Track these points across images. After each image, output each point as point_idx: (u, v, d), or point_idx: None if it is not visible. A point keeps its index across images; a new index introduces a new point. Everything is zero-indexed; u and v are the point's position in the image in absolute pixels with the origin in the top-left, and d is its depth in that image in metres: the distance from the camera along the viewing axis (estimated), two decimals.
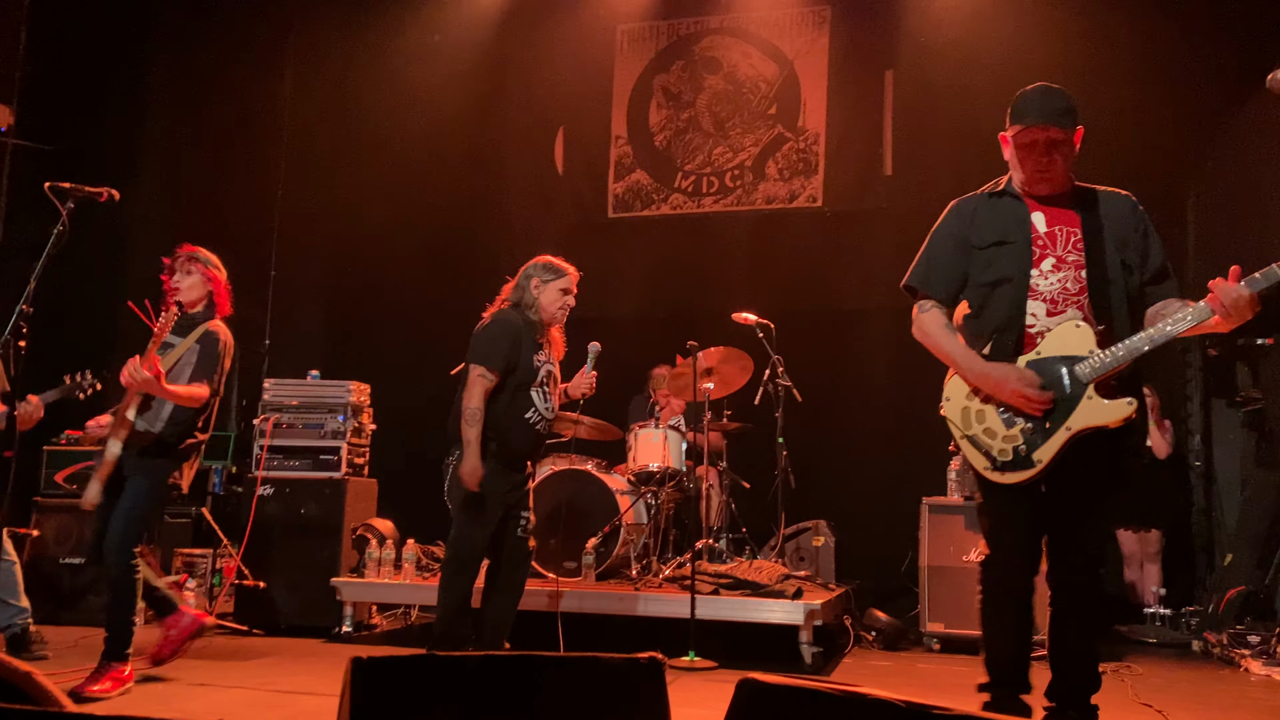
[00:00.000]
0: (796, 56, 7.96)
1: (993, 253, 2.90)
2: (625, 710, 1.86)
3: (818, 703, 1.52)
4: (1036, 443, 2.73)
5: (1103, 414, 2.68)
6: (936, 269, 3.00)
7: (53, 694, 1.99)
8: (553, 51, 8.29)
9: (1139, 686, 4.44)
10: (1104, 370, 2.69)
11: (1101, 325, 2.75)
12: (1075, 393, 2.69)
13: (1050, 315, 2.80)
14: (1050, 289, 2.82)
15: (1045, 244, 2.85)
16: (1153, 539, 6.43)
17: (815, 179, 7.78)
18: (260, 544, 5.48)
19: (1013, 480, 2.77)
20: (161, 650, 4.10)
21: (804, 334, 6.55)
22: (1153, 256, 2.88)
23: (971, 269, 2.94)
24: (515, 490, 4.21)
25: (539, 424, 4.21)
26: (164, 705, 3.69)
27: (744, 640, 4.90)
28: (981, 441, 2.83)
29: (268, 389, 5.85)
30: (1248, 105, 6.21)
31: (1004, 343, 2.84)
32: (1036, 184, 2.92)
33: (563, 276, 4.30)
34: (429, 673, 1.80)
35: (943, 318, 2.97)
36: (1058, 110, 2.87)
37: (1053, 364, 2.73)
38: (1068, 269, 2.82)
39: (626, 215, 8.18)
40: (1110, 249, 2.82)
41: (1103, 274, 2.78)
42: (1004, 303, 2.86)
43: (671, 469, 5.78)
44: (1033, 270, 2.83)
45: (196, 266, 4.27)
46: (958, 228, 3.00)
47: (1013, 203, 2.95)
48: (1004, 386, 2.76)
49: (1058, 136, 2.86)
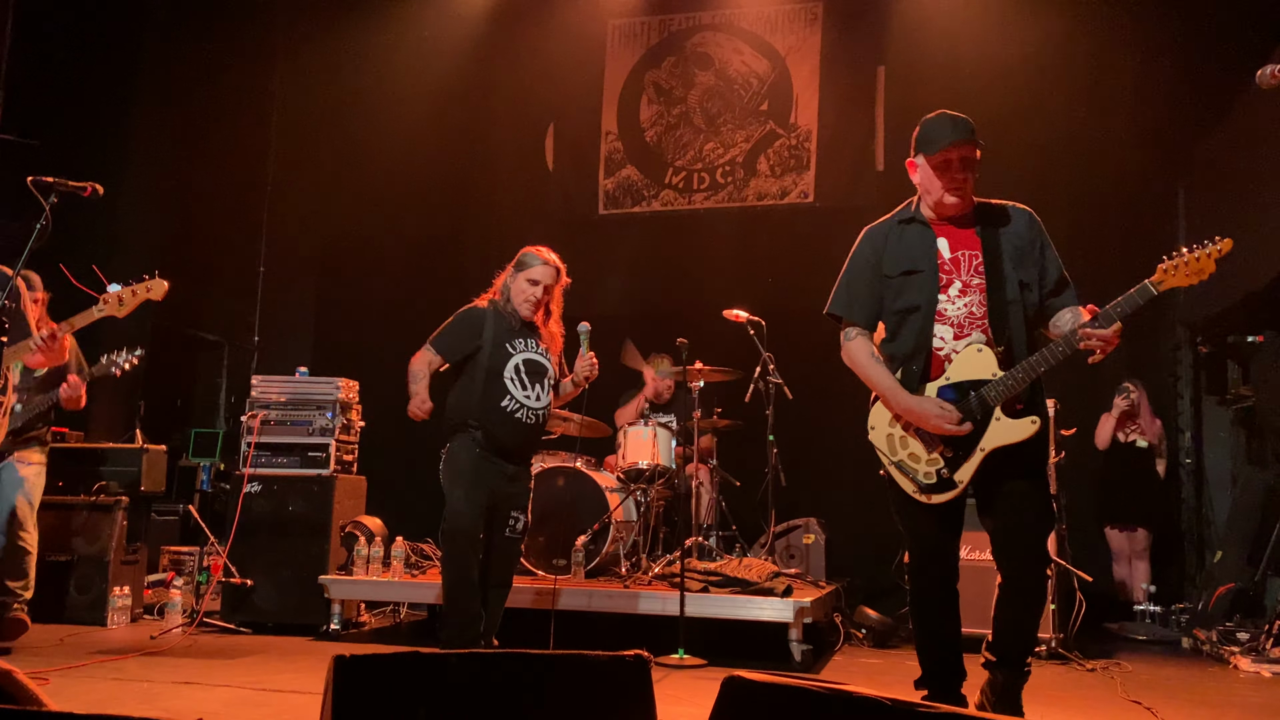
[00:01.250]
0: (788, 53, 7.94)
1: (902, 281, 3.11)
2: (611, 708, 1.85)
3: (803, 700, 1.51)
4: (955, 465, 2.97)
5: (1011, 433, 2.92)
6: (856, 297, 3.22)
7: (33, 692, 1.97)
8: (543, 47, 8.27)
9: (1128, 683, 4.44)
10: (1008, 393, 2.92)
11: (1001, 346, 2.97)
12: (986, 414, 2.94)
13: (957, 338, 3.02)
14: (957, 314, 3.03)
15: (951, 269, 3.06)
16: (1140, 536, 6.45)
17: (807, 175, 7.77)
18: (247, 541, 5.44)
19: (939, 500, 3.02)
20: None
21: (795, 331, 6.52)
22: (1050, 270, 3.10)
23: (885, 296, 3.16)
24: (506, 482, 4.18)
25: (518, 412, 4.17)
26: (148, 703, 3.66)
27: (734, 638, 4.89)
28: (907, 467, 3.06)
29: (256, 386, 5.82)
30: (1237, 100, 6.23)
31: (912, 368, 3.07)
32: (950, 201, 3.09)
33: (532, 267, 4.25)
34: (412, 671, 1.78)
35: (869, 345, 3.19)
36: (969, 130, 3.07)
37: (963, 388, 2.96)
38: (972, 293, 3.03)
39: (617, 211, 8.17)
40: (1009, 269, 3.03)
41: (1002, 297, 3.00)
42: (914, 329, 3.07)
43: (661, 466, 5.77)
44: (940, 296, 3.04)
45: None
46: (871, 256, 3.21)
47: (920, 229, 3.15)
48: (926, 420, 2.98)
49: (971, 154, 3.07)
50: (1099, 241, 7.11)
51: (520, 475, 4.28)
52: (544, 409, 4.26)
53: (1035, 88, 6.92)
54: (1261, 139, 5.96)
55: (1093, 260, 7.20)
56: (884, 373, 3.11)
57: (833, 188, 7.69)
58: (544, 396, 4.25)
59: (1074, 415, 5.87)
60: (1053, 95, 6.94)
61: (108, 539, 5.55)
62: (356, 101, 8.23)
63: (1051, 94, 6.94)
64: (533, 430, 4.26)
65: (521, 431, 4.20)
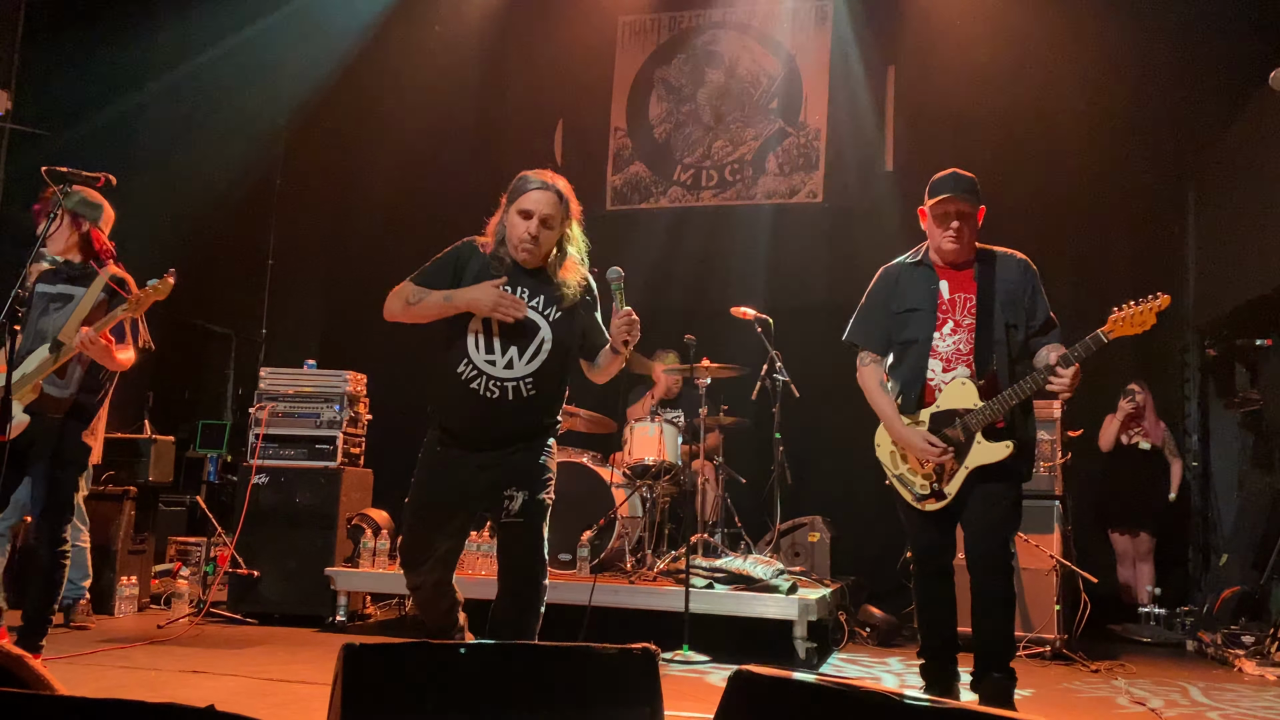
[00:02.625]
0: (798, 51, 7.94)
1: (906, 317, 3.55)
2: (619, 701, 1.86)
3: (810, 695, 1.51)
4: (944, 480, 3.44)
5: (988, 454, 3.36)
6: (871, 328, 3.66)
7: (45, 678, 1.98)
8: (553, 42, 8.27)
9: (1132, 685, 4.44)
10: (985, 421, 3.35)
11: (983, 380, 3.39)
12: (969, 439, 3.38)
13: (945, 371, 3.46)
14: (947, 350, 3.47)
15: (948, 309, 3.49)
16: (1143, 540, 6.44)
17: (816, 174, 7.76)
18: (254, 533, 5.47)
19: (931, 509, 3.49)
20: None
21: (802, 330, 6.53)
22: (1038, 313, 3.48)
23: (891, 329, 3.59)
24: (477, 472, 3.23)
25: (475, 382, 3.19)
26: (155, 692, 3.68)
27: (738, 635, 4.89)
28: (906, 479, 3.54)
29: (264, 378, 5.84)
30: (1249, 103, 6.20)
31: (909, 395, 3.51)
32: (946, 248, 3.49)
33: (525, 193, 3.25)
34: (420, 661, 1.79)
35: (878, 373, 3.61)
36: (967, 187, 3.46)
37: (948, 416, 3.42)
38: (962, 332, 3.46)
39: (625, 208, 8.16)
40: (998, 312, 3.44)
41: (988, 337, 3.42)
42: (912, 361, 3.51)
43: (667, 462, 5.78)
44: (934, 334, 3.48)
45: (61, 213, 3.80)
46: (883, 293, 3.65)
47: (926, 272, 3.56)
48: (913, 448, 3.46)
49: (966, 209, 3.45)
50: (1109, 243, 7.11)
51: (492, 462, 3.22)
52: (519, 380, 3.21)
53: (1045, 88, 6.91)
54: (1272, 140, 5.94)
55: (1102, 261, 7.22)
56: (887, 401, 3.55)
57: (841, 187, 7.68)
58: (521, 364, 3.21)
59: (1080, 417, 5.86)
60: (1062, 95, 6.92)
61: (115, 529, 5.58)
62: (367, 95, 8.23)
63: (1061, 94, 6.92)
64: (498, 408, 3.19)
65: (480, 410, 3.20)
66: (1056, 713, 3.79)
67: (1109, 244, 7.11)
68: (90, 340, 3.65)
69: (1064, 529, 5.29)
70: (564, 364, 3.32)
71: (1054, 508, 5.26)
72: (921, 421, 3.46)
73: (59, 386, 3.76)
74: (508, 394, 3.20)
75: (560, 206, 3.29)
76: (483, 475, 3.21)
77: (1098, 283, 7.18)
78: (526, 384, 3.22)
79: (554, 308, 3.28)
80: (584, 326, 3.38)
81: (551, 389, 3.30)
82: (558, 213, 3.28)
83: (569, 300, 3.30)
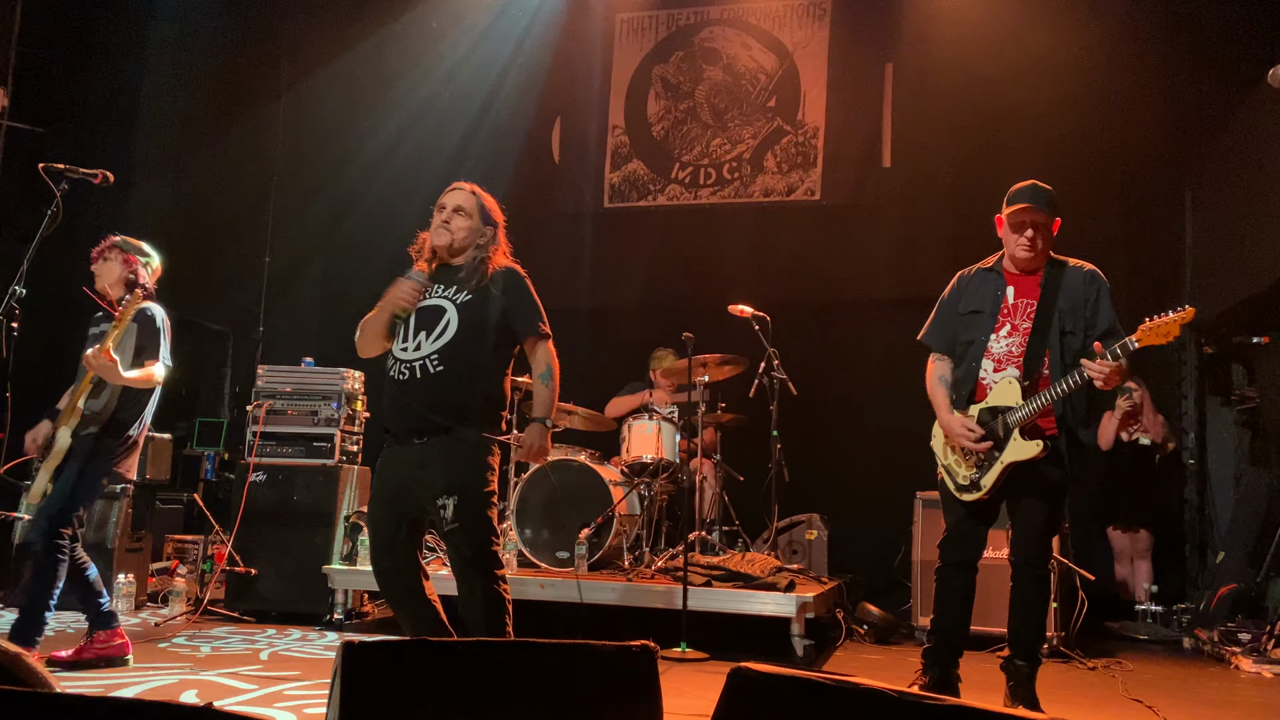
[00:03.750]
0: (796, 49, 7.93)
1: (969, 319, 3.73)
2: (617, 698, 1.86)
3: (809, 692, 1.51)
4: (984, 471, 3.58)
5: (1023, 451, 3.48)
6: (940, 329, 3.85)
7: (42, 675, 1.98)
8: (551, 40, 8.26)
9: (1129, 682, 4.45)
10: (1023, 419, 3.48)
11: (1028, 381, 3.52)
12: (1007, 435, 3.51)
13: (996, 371, 3.63)
14: (1000, 351, 3.63)
15: (1009, 313, 3.65)
16: (1142, 537, 6.44)
17: (814, 172, 7.76)
18: (252, 531, 5.46)
19: (969, 499, 3.64)
20: (79, 653, 4.01)
21: (800, 327, 6.54)
22: (1100, 321, 3.57)
23: (958, 330, 3.77)
24: (414, 470, 3.23)
25: (393, 370, 3.30)
26: (153, 691, 3.68)
27: (736, 632, 4.90)
28: (952, 469, 3.71)
29: (261, 375, 5.83)
30: (1247, 100, 6.20)
31: (963, 391, 3.69)
32: (1019, 256, 3.64)
33: (443, 195, 3.49)
34: (420, 658, 1.79)
35: (942, 368, 3.79)
36: (1044, 199, 3.61)
37: (993, 412, 3.57)
38: (1018, 335, 3.61)
39: (623, 205, 8.16)
40: (1056, 318, 3.57)
41: (1041, 340, 3.56)
42: (968, 359, 3.69)
43: (665, 460, 5.78)
44: (991, 335, 3.65)
45: (115, 254, 4.17)
46: (954, 296, 3.84)
47: (995, 278, 3.73)
48: (953, 434, 3.64)
49: (1040, 219, 3.60)
50: (1106, 241, 7.11)
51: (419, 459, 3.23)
52: (425, 358, 3.24)
53: (1042, 87, 6.90)
54: (1270, 138, 5.94)
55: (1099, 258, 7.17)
56: (941, 392, 3.74)
57: (839, 185, 7.67)
58: (427, 344, 3.26)
59: None
60: (1060, 94, 6.92)
61: (113, 527, 5.57)
62: (364, 93, 8.23)
63: (1058, 93, 6.91)
64: (409, 388, 3.24)
65: (396, 394, 3.29)
66: (1055, 710, 3.79)
67: (1106, 242, 7.10)
68: (94, 357, 3.82)
69: (1061, 527, 5.29)
70: (476, 343, 3.30)
71: None
72: (970, 415, 3.62)
73: (94, 403, 3.99)
74: (415, 373, 3.25)
75: (474, 201, 3.44)
76: (415, 474, 3.23)
77: None
78: (433, 360, 3.24)
79: (464, 293, 3.34)
80: (503, 310, 3.35)
81: (462, 367, 3.25)
82: (471, 205, 3.43)
83: (479, 285, 3.34)
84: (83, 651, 4.02)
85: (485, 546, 3.24)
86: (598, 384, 6.81)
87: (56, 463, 3.91)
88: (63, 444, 3.92)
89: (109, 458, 4.02)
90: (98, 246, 4.24)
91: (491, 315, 3.33)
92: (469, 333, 3.28)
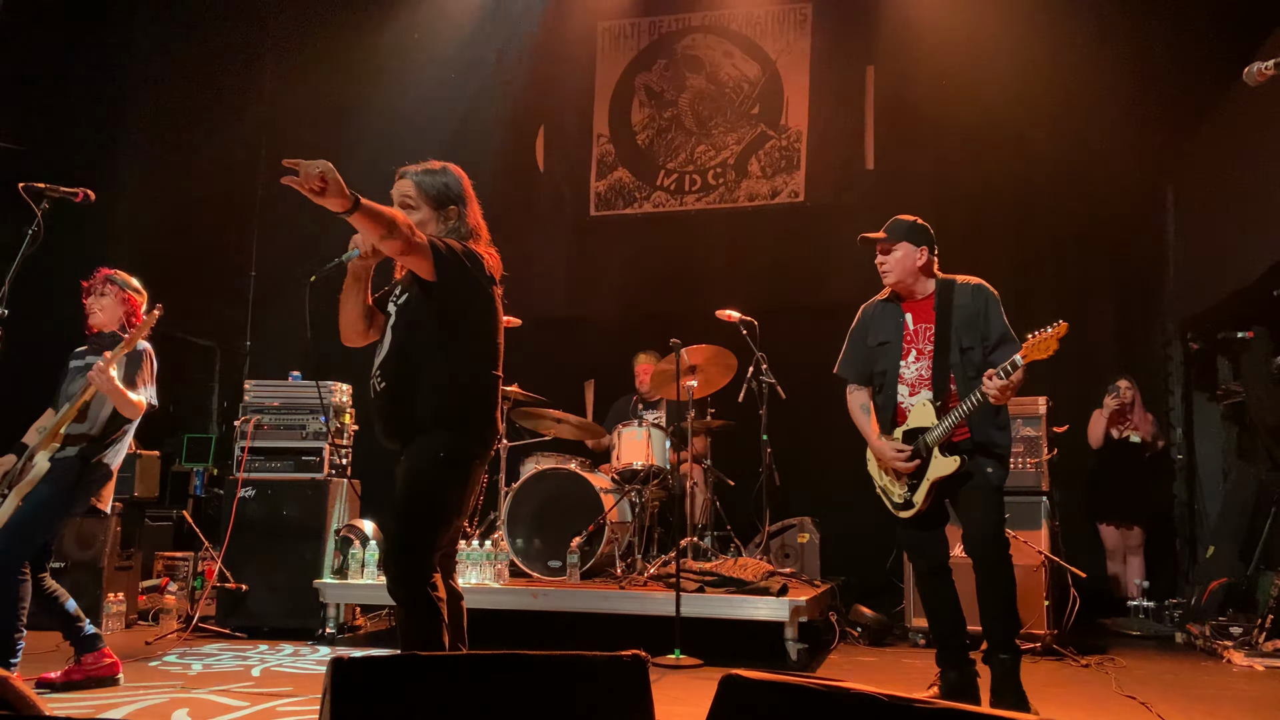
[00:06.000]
0: (778, 55, 7.96)
1: (878, 350, 3.93)
2: (609, 708, 1.85)
3: (800, 698, 1.51)
4: (913, 489, 3.77)
5: (943, 468, 3.66)
6: (853, 362, 4.04)
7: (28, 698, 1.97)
8: (533, 49, 8.26)
9: (1122, 678, 4.46)
10: (940, 437, 3.66)
11: (939, 401, 3.71)
12: (929, 454, 3.70)
13: (910, 395, 3.82)
14: (911, 376, 3.83)
15: (912, 339, 3.86)
16: (1135, 534, 6.47)
17: (797, 175, 7.79)
18: (242, 546, 5.44)
19: (905, 516, 3.83)
20: (68, 675, 3.97)
21: (787, 330, 6.54)
22: (992, 332, 3.75)
23: (870, 360, 3.96)
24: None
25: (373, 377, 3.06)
26: (144, 710, 3.66)
27: (729, 638, 4.90)
28: (888, 490, 3.91)
29: (249, 390, 5.81)
30: (1226, 97, 6.25)
31: (885, 416, 3.87)
32: (884, 279, 3.91)
33: None
34: (410, 672, 1.79)
35: (862, 398, 3.99)
36: (896, 231, 3.87)
37: (914, 434, 3.76)
38: (924, 359, 3.81)
39: (608, 213, 8.17)
40: (954, 337, 3.76)
41: (944, 361, 3.75)
42: (886, 388, 3.89)
43: (655, 467, 5.77)
44: (901, 363, 3.85)
45: (111, 289, 4.19)
46: (862, 329, 4.04)
47: (894, 308, 3.94)
48: (884, 458, 3.83)
49: (880, 249, 3.89)
50: (1089, 240, 7.15)
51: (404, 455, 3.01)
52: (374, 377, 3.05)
53: (1022, 86, 6.94)
54: (1249, 136, 5.98)
55: (1083, 258, 7.26)
56: (866, 421, 3.94)
57: (823, 187, 7.70)
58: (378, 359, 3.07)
59: (1066, 412, 5.89)
60: (1040, 94, 6.96)
61: (101, 545, 5.54)
62: (347, 104, 8.21)
63: (1039, 91, 6.95)
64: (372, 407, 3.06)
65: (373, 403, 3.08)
66: (1048, 708, 3.80)
67: (1089, 241, 7.15)
68: (100, 370, 3.83)
69: (1052, 525, 5.31)
70: (417, 347, 2.95)
71: (1041, 503, 5.29)
72: (895, 439, 3.81)
73: (77, 426, 4.00)
74: (370, 391, 3.02)
75: (418, 187, 3.10)
76: None
77: (1078, 280, 7.23)
78: (376, 378, 3.00)
79: (402, 290, 3.03)
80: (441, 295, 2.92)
81: (404, 381, 2.94)
82: (415, 192, 3.10)
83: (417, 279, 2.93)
84: (72, 673, 3.99)
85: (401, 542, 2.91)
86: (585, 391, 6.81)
87: (29, 489, 3.87)
88: (41, 469, 3.89)
89: (83, 484, 3.99)
90: (90, 279, 4.22)
91: (431, 307, 2.93)
92: (407, 337, 2.96)
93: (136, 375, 4.04)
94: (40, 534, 3.94)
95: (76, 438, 3.98)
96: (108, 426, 4.05)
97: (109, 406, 4.02)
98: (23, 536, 3.85)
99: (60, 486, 3.93)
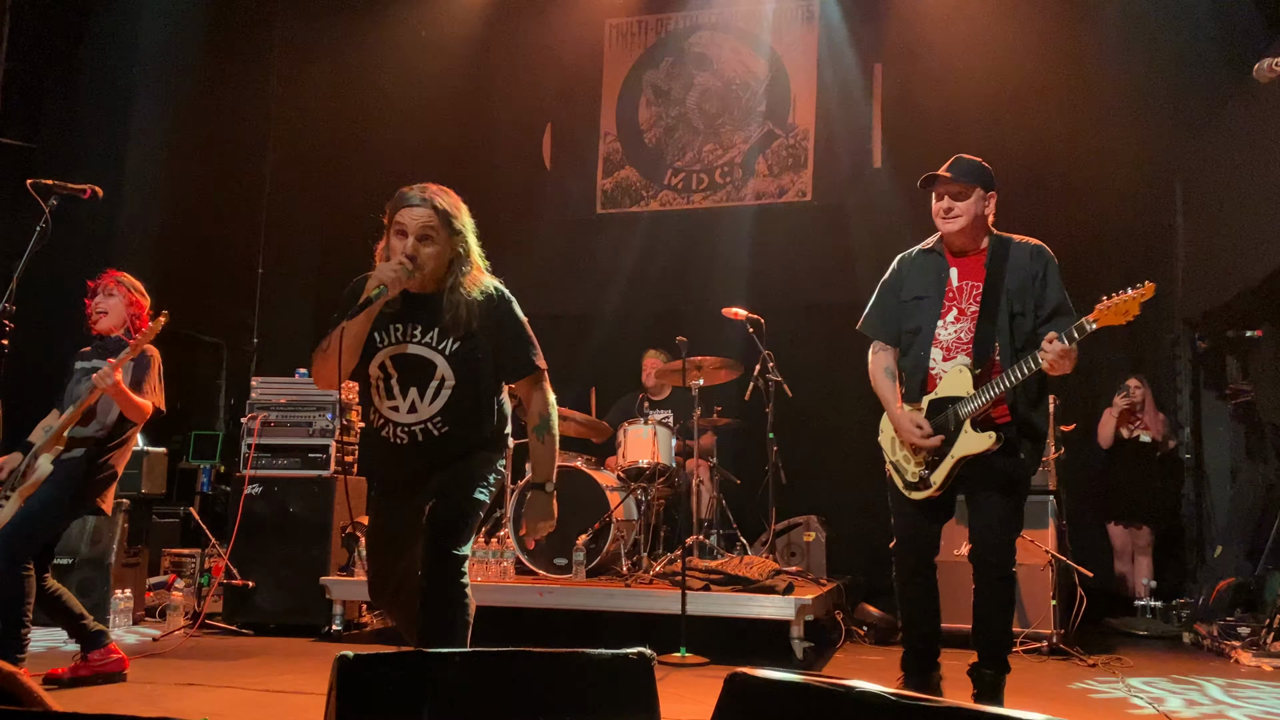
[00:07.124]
0: (786, 53, 7.95)
1: (913, 305, 3.50)
2: (615, 705, 1.85)
3: (807, 696, 1.51)
4: (933, 468, 3.38)
5: (974, 444, 3.27)
6: (880, 319, 3.61)
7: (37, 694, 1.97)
8: (540, 47, 8.27)
9: (1129, 678, 4.44)
10: (975, 410, 3.27)
11: (978, 369, 3.31)
12: (958, 427, 3.30)
13: (945, 360, 3.40)
14: (948, 338, 3.41)
15: (954, 297, 3.43)
16: (1143, 533, 6.45)
17: (805, 173, 7.78)
18: (248, 543, 5.44)
19: (918, 497, 3.44)
20: (76, 671, 3.97)
21: (794, 328, 6.54)
22: (1048, 300, 3.36)
23: (901, 317, 3.54)
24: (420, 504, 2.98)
25: (385, 430, 3.00)
26: (151, 705, 3.67)
27: (735, 636, 4.89)
28: (900, 466, 3.51)
29: (255, 387, 5.82)
30: (1237, 94, 6.22)
31: (913, 383, 3.48)
32: (944, 229, 3.46)
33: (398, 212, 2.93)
34: (415, 670, 1.79)
35: (886, 360, 3.57)
36: (960, 170, 3.45)
37: (943, 404, 3.36)
38: (965, 320, 3.39)
39: (615, 211, 8.17)
40: (1004, 300, 3.35)
41: (990, 325, 3.34)
42: (915, 349, 3.47)
43: (661, 465, 5.77)
44: (938, 322, 3.43)
45: (120, 290, 4.18)
46: (894, 281, 3.60)
47: (936, 259, 3.51)
48: (901, 430, 3.43)
49: (953, 189, 3.41)
50: (1098, 237, 7.13)
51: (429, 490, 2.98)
52: (426, 422, 2.98)
53: (1031, 83, 6.92)
54: (1258, 133, 5.96)
55: (1091, 255, 7.23)
56: (887, 386, 3.52)
57: (830, 185, 7.70)
58: (425, 406, 2.97)
59: (1076, 412, 5.87)
60: (1049, 90, 6.94)
61: (109, 542, 5.54)
62: (355, 102, 8.22)
63: (1048, 89, 6.94)
64: (411, 452, 2.99)
65: (396, 457, 3.02)
66: (1054, 707, 3.79)
67: (1098, 238, 7.13)
68: (105, 376, 3.83)
69: (1059, 524, 5.29)
70: (475, 395, 3.01)
71: (1049, 502, 5.27)
72: (921, 409, 3.40)
73: (81, 429, 3.99)
74: (417, 437, 2.98)
75: (436, 216, 2.91)
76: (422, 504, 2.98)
77: (1087, 277, 7.19)
78: (435, 423, 2.97)
79: (449, 339, 2.95)
80: (494, 347, 3.01)
81: (467, 417, 3.00)
82: (436, 222, 2.91)
83: (464, 323, 2.94)
84: (79, 669, 4.00)
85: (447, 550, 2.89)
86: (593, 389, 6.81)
87: (32, 491, 3.86)
88: (44, 471, 3.87)
89: (89, 486, 4.00)
90: (96, 279, 4.22)
91: (483, 359, 3.00)
92: (465, 386, 2.98)
93: (144, 379, 4.05)
94: (43, 534, 3.95)
95: (82, 441, 3.99)
96: (114, 429, 4.06)
97: (116, 410, 4.03)
98: (26, 535, 3.85)
99: (65, 489, 3.93)
